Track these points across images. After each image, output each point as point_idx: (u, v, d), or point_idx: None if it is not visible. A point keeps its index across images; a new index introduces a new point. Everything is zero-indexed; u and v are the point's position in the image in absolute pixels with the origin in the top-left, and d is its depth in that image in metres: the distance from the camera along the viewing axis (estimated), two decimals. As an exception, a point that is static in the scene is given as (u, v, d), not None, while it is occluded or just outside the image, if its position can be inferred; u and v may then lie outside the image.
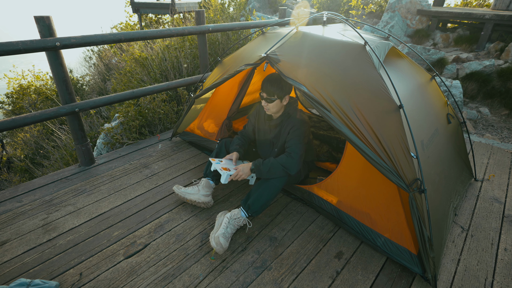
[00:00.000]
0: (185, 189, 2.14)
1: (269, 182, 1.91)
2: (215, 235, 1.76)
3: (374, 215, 1.80)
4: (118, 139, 3.37)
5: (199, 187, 2.14)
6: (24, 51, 2.04)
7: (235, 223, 1.85)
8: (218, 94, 2.79)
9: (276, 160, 1.90)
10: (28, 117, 2.22)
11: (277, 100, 1.95)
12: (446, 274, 1.70)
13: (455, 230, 2.02)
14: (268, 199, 1.89)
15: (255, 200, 1.88)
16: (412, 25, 6.43)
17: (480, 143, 3.20)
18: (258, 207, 1.88)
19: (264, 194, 1.89)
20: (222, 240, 1.73)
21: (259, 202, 1.88)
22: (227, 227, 1.81)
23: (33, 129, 5.55)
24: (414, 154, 1.52)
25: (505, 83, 4.69)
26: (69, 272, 1.67)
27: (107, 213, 2.11)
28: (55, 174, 2.56)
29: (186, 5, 7.82)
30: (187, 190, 2.12)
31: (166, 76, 4.39)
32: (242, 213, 1.89)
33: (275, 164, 1.89)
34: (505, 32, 5.54)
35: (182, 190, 2.13)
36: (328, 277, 1.67)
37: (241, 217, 1.88)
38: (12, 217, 2.06)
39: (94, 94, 6.51)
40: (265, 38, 2.30)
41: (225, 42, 4.69)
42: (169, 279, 1.63)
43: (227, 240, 1.76)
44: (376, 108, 1.59)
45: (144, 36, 2.68)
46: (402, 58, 2.24)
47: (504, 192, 2.41)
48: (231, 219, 1.85)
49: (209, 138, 2.82)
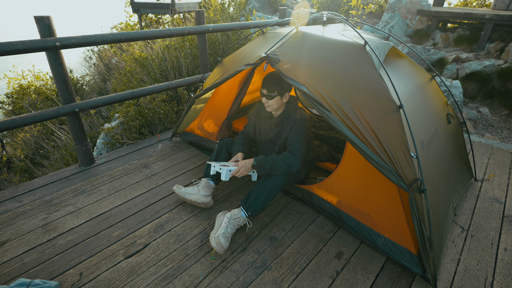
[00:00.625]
0: (185, 189, 2.14)
1: (269, 181, 1.92)
2: (215, 235, 1.76)
3: (374, 215, 1.80)
4: (118, 139, 3.37)
5: (199, 187, 2.13)
6: (24, 51, 2.04)
7: (235, 223, 1.85)
8: (218, 94, 2.79)
9: (278, 157, 1.91)
10: (28, 117, 2.22)
11: (277, 97, 1.98)
12: (446, 274, 1.70)
13: (455, 230, 2.02)
14: (268, 197, 1.90)
15: (255, 199, 1.88)
16: (412, 25, 6.43)
17: (480, 143, 3.20)
18: (258, 206, 1.88)
19: (264, 192, 1.89)
20: (222, 240, 1.73)
21: (259, 201, 1.88)
22: (227, 227, 1.81)
23: (33, 129, 5.55)
24: (414, 154, 1.52)
25: (505, 83, 4.69)
26: (69, 272, 1.67)
27: (107, 213, 2.11)
28: (55, 174, 2.56)
29: (186, 5, 7.82)
30: (187, 190, 2.12)
31: (166, 76, 4.39)
32: (242, 212, 1.89)
33: (278, 161, 1.90)
34: (505, 32, 5.54)
35: (182, 190, 2.13)
36: (328, 277, 1.67)
37: (241, 216, 1.88)
38: (12, 217, 2.06)
39: (94, 94, 6.51)
40: (265, 38, 2.30)
41: (225, 42, 4.69)
42: (169, 279, 1.63)
43: (227, 240, 1.76)
44: (376, 108, 1.59)
45: (144, 36, 2.68)
46: (402, 58, 2.24)
47: (504, 192, 2.41)
48: (231, 219, 1.86)
49: (209, 138, 2.82)
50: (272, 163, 1.90)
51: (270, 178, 1.93)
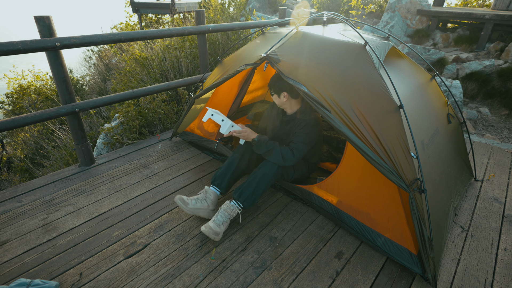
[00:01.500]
0: (192, 205, 1.95)
1: (259, 170, 1.96)
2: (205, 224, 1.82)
3: (374, 215, 1.80)
4: (118, 139, 3.37)
5: (207, 202, 1.99)
6: (24, 51, 2.04)
7: (225, 211, 1.87)
8: (218, 94, 2.79)
9: (279, 147, 1.96)
10: (28, 117, 2.22)
11: (274, 95, 2.06)
12: (446, 274, 1.70)
13: (455, 230, 2.02)
14: (258, 186, 1.92)
15: (246, 187, 1.91)
16: (412, 25, 6.43)
17: (480, 143, 3.20)
18: (248, 194, 1.90)
19: (254, 182, 1.92)
20: (212, 224, 1.78)
21: (250, 189, 1.90)
22: (217, 215, 1.86)
23: (33, 129, 5.55)
24: (414, 154, 1.52)
25: (505, 83, 4.69)
26: (69, 272, 1.67)
27: (107, 213, 2.11)
28: (55, 174, 2.56)
29: (186, 5, 7.82)
30: (196, 205, 1.96)
31: (166, 76, 4.39)
32: (232, 201, 1.92)
33: (276, 150, 1.95)
34: (505, 32, 5.54)
35: (190, 207, 1.94)
36: (328, 277, 1.67)
37: (231, 204, 1.90)
38: (12, 217, 2.06)
39: (94, 94, 6.51)
40: (265, 38, 2.30)
41: (225, 42, 4.69)
42: (169, 279, 1.63)
43: (218, 226, 1.79)
44: (376, 108, 1.59)
45: (144, 36, 2.68)
46: (402, 58, 2.24)
47: (504, 192, 2.41)
48: (221, 209, 1.89)
49: (209, 138, 2.82)
50: (271, 148, 1.95)
51: (260, 168, 1.97)
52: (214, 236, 1.78)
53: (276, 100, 2.09)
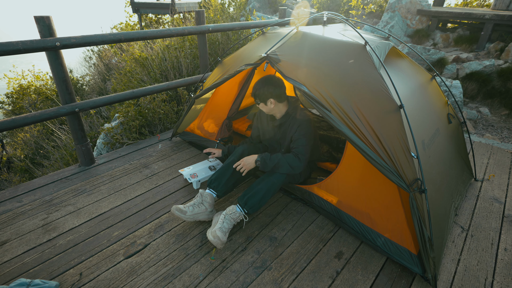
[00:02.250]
0: (191, 211, 1.93)
1: (268, 179, 1.93)
2: (211, 230, 1.77)
3: (374, 215, 1.80)
4: (118, 139, 3.37)
5: (205, 205, 1.97)
6: (24, 51, 2.04)
7: (231, 217, 1.85)
8: (218, 94, 2.79)
9: (283, 158, 1.94)
10: (28, 117, 2.22)
11: (261, 103, 2.04)
12: (446, 274, 1.70)
13: (455, 230, 2.02)
14: (265, 195, 1.90)
15: (253, 195, 1.89)
16: (412, 25, 6.43)
17: (480, 143, 3.20)
18: (255, 203, 1.88)
19: (262, 190, 1.90)
20: (219, 233, 1.74)
21: (256, 198, 1.88)
22: (224, 222, 1.82)
23: (33, 129, 5.55)
24: (415, 154, 1.51)
25: (505, 83, 4.69)
26: (69, 272, 1.67)
27: (107, 213, 2.11)
28: (55, 174, 2.56)
29: (186, 5, 7.82)
30: (194, 211, 1.94)
31: (166, 76, 4.39)
32: (238, 208, 1.89)
33: (282, 161, 1.93)
34: (505, 32, 5.54)
35: (189, 214, 1.92)
36: (328, 277, 1.67)
37: (237, 211, 1.87)
38: (12, 217, 2.06)
39: (94, 94, 6.51)
40: (265, 38, 2.30)
41: (225, 42, 4.69)
42: (169, 279, 1.63)
43: (224, 234, 1.76)
44: (377, 108, 1.59)
45: (144, 36, 2.68)
46: (402, 58, 2.24)
47: (504, 192, 2.41)
48: (227, 214, 1.86)
49: (209, 138, 2.82)
50: (277, 162, 1.93)
51: (269, 177, 1.94)
52: (221, 246, 1.74)
53: (264, 108, 2.05)
